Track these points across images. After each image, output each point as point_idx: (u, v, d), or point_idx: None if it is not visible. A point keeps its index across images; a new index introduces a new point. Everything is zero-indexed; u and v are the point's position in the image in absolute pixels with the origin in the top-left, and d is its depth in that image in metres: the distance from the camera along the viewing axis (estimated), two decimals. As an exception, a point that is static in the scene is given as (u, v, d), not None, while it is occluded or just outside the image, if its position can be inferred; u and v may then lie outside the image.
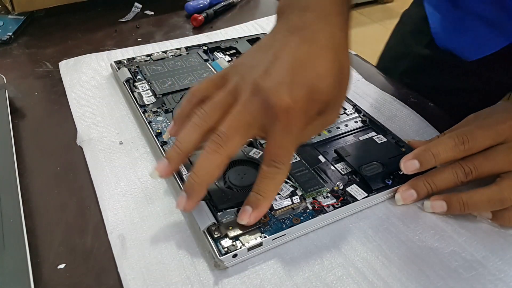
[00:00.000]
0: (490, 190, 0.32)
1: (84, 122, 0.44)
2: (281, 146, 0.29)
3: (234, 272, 0.30)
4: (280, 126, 0.28)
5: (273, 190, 0.30)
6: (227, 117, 0.29)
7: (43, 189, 0.37)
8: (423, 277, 0.29)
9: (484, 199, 0.32)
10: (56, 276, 0.30)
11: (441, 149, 0.33)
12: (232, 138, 0.28)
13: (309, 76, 0.28)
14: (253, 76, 0.29)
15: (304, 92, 0.28)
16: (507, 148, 0.33)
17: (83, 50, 0.57)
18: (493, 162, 0.33)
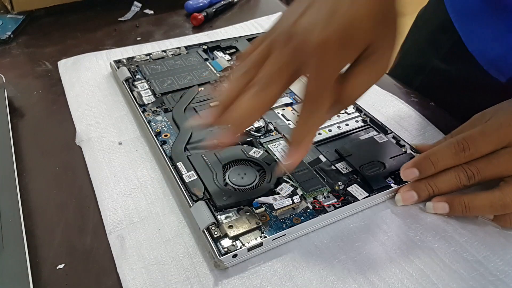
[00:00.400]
0: (493, 195, 0.32)
1: (83, 121, 0.43)
2: (317, 83, 0.28)
3: (234, 273, 0.30)
4: (315, 62, 0.27)
5: (310, 130, 0.30)
6: (263, 67, 0.29)
7: (42, 189, 0.36)
8: (424, 278, 0.29)
9: (486, 204, 0.32)
10: (55, 276, 0.30)
11: (440, 157, 0.33)
12: (270, 85, 0.28)
13: (345, 14, 0.27)
14: (286, 26, 0.28)
15: (338, 28, 0.26)
16: (511, 152, 0.32)
17: (82, 49, 0.56)
18: (496, 166, 0.32)
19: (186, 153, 0.37)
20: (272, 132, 0.41)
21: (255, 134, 0.40)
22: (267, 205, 0.33)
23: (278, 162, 0.34)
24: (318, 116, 0.29)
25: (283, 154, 0.37)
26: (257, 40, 0.31)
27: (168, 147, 0.38)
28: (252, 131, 0.40)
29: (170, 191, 0.36)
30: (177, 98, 0.45)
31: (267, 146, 0.39)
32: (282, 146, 0.39)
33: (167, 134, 0.40)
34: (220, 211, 0.32)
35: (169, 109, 0.43)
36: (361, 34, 0.27)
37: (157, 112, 0.43)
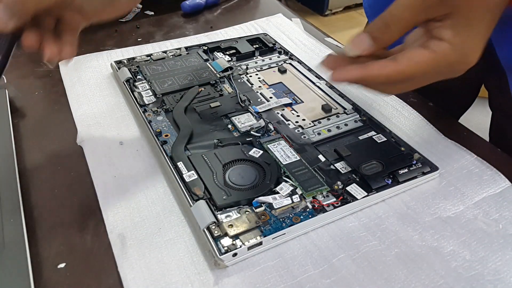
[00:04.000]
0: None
1: (84, 122, 0.44)
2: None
3: (234, 271, 0.30)
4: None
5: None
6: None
7: (43, 189, 0.37)
8: (423, 276, 0.30)
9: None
10: (56, 275, 0.30)
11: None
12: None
13: None
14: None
15: None
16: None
17: (83, 50, 0.57)
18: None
19: (187, 153, 0.38)
20: (272, 132, 0.41)
21: (255, 134, 0.40)
22: (267, 205, 0.33)
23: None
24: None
25: (282, 154, 0.38)
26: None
27: (168, 147, 0.38)
28: (252, 131, 0.41)
29: (171, 190, 0.36)
30: (177, 99, 0.45)
31: (267, 146, 0.39)
32: (282, 146, 0.39)
33: (168, 134, 0.40)
34: (220, 210, 0.32)
35: (170, 109, 0.43)
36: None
37: (158, 112, 0.43)
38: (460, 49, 0.28)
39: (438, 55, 0.28)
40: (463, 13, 0.27)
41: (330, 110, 0.44)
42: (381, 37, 0.29)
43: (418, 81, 0.30)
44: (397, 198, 0.35)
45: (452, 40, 0.28)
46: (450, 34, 0.28)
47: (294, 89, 0.47)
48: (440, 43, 0.28)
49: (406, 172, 0.36)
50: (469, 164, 0.38)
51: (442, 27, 0.28)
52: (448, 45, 0.28)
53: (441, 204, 0.35)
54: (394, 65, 0.29)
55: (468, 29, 0.28)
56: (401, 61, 0.28)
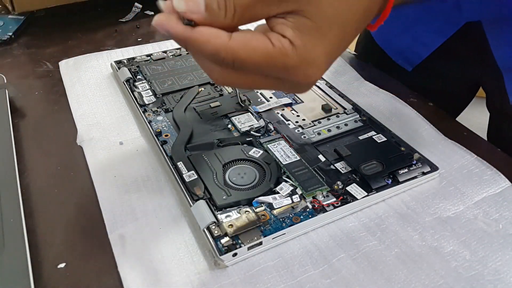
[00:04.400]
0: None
1: (84, 121, 0.44)
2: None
3: (234, 271, 0.30)
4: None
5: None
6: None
7: (43, 189, 0.37)
8: (423, 276, 0.30)
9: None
10: (56, 275, 0.30)
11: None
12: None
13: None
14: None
15: None
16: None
17: (83, 50, 0.57)
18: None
19: (187, 152, 0.38)
20: (272, 132, 0.41)
21: (255, 134, 0.40)
22: (267, 204, 0.33)
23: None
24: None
25: (282, 154, 0.38)
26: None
27: (168, 147, 0.38)
28: (252, 131, 0.41)
29: (171, 190, 0.36)
30: (177, 98, 0.45)
31: (267, 146, 0.39)
32: (282, 146, 0.39)
33: (168, 134, 0.40)
34: (220, 210, 0.32)
35: (170, 109, 0.43)
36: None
37: (158, 112, 0.43)
38: (301, 55, 0.25)
39: (276, 50, 0.24)
40: (314, 16, 0.24)
41: (330, 110, 0.44)
42: (217, 11, 0.24)
43: (251, 78, 0.26)
44: (397, 198, 0.35)
45: (294, 40, 0.24)
46: (293, 33, 0.24)
47: (294, 89, 0.47)
48: (282, 39, 0.24)
49: (406, 172, 0.36)
50: (469, 164, 0.38)
51: (285, 24, 0.24)
52: (289, 44, 0.24)
53: (441, 204, 0.35)
54: (226, 39, 0.24)
55: (316, 36, 0.25)
56: (236, 38, 0.24)
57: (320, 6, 0.24)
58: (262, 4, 0.24)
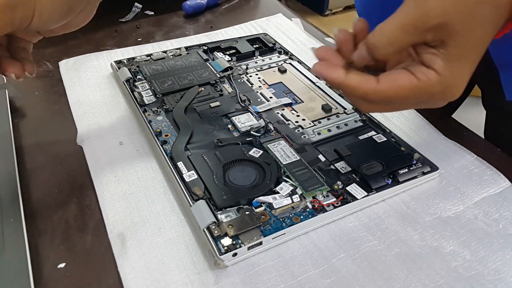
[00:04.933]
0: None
1: (84, 121, 0.44)
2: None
3: (234, 271, 0.30)
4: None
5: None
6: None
7: (43, 189, 0.37)
8: (423, 276, 0.30)
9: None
10: (56, 275, 0.30)
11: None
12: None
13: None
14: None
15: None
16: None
17: (83, 50, 0.57)
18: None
19: (187, 152, 0.38)
20: (272, 132, 0.41)
21: (255, 134, 0.40)
22: (267, 204, 0.33)
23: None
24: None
25: (282, 154, 0.38)
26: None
27: (168, 147, 0.38)
28: (252, 131, 0.41)
29: (171, 190, 0.36)
30: (177, 98, 0.45)
31: (267, 146, 0.39)
32: (282, 146, 0.39)
33: (168, 134, 0.40)
34: (220, 210, 0.32)
35: (170, 109, 0.43)
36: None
37: (158, 112, 0.43)
38: (446, 82, 0.27)
39: (422, 83, 0.27)
40: (460, 44, 0.26)
41: (330, 110, 0.44)
42: (380, 53, 0.27)
43: (396, 106, 0.30)
44: (397, 198, 0.35)
45: (441, 71, 0.27)
46: (441, 64, 0.27)
47: (294, 89, 0.47)
48: (427, 71, 0.27)
49: (406, 172, 0.36)
50: (469, 164, 0.38)
51: (434, 54, 0.27)
52: (436, 75, 0.27)
53: (441, 204, 0.35)
54: (374, 84, 0.28)
55: (460, 62, 0.27)
56: (383, 81, 0.28)
57: (467, 35, 0.26)
58: (413, 38, 0.27)
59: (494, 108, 0.52)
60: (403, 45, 0.27)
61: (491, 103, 0.52)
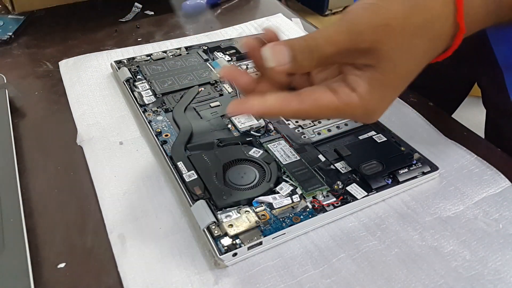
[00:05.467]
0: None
1: (84, 121, 0.44)
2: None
3: (234, 271, 0.30)
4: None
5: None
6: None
7: (43, 189, 0.37)
8: (423, 276, 0.30)
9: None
10: (56, 275, 0.30)
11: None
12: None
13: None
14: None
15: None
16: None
17: (83, 50, 0.57)
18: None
19: (187, 152, 0.38)
20: (272, 132, 0.41)
21: (255, 134, 0.40)
22: (267, 204, 0.33)
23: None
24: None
25: (282, 154, 0.38)
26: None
27: (168, 147, 0.38)
28: (252, 131, 0.41)
29: (171, 190, 0.36)
30: (177, 98, 0.45)
31: (267, 146, 0.39)
32: (282, 145, 0.39)
33: (168, 134, 0.40)
34: (220, 210, 0.32)
35: (170, 109, 0.43)
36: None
37: (158, 112, 0.43)
38: (368, 107, 0.27)
39: (344, 105, 0.27)
40: (387, 72, 0.26)
41: (330, 110, 0.44)
42: (301, 61, 0.26)
43: (323, 117, 0.29)
44: (397, 198, 0.35)
45: (364, 95, 0.26)
46: (364, 88, 0.26)
47: (294, 89, 0.47)
48: (350, 93, 0.27)
49: (406, 172, 0.36)
50: (469, 164, 0.38)
51: (359, 77, 0.26)
52: (358, 99, 0.26)
53: (441, 204, 0.35)
54: (297, 104, 0.27)
55: (384, 89, 0.27)
56: (306, 101, 0.27)
57: (396, 64, 0.26)
58: (341, 56, 0.26)
59: (496, 108, 0.52)
60: (332, 59, 0.27)
61: (493, 103, 0.52)
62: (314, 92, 0.27)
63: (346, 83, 0.27)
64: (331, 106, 0.27)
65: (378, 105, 0.28)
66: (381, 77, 0.26)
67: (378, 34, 0.25)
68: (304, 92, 0.27)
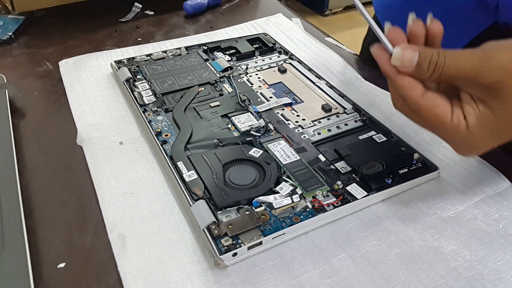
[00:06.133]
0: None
1: (84, 121, 0.44)
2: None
3: (234, 271, 0.30)
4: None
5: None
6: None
7: (43, 188, 0.37)
8: (423, 276, 0.29)
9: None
10: (56, 275, 0.30)
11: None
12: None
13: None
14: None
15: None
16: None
17: (83, 49, 0.57)
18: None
19: (187, 152, 0.38)
20: (272, 132, 0.41)
21: (255, 134, 0.40)
22: (267, 204, 0.33)
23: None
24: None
25: (282, 154, 0.38)
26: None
27: (168, 147, 0.38)
28: (252, 131, 0.41)
29: (171, 190, 0.36)
30: (177, 98, 0.45)
31: (267, 146, 0.39)
32: (282, 145, 0.39)
33: (168, 134, 0.40)
34: (220, 210, 0.32)
35: (170, 109, 0.43)
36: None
37: (158, 112, 0.43)
38: (469, 140, 0.28)
39: (451, 126, 0.28)
40: (500, 115, 0.27)
41: (330, 110, 0.44)
42: (424, 71, 0.28)
43: (423, 123, 0.30)
44: (397, 198, 0.35)
45: (471, 127, 0.28)
46: (474, 121, 0.28)
47: (294, 89, 0.47)
48: (461, 120, 0.28)
49: (406, 172, 0.36)
50: (469, 164, 0.38)
51: (472, 109, 0.28)
52: (465, 128, 0.28)
53: (441, 204, 0.35)
54: (419, 95, 0.29)
55: (491, 130, 0.28)
56: (426, 100, 0.29)
57: (509, 110, 0.27)
58: (463, 82, 0.28)
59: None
60: (455, 81, 0.28)
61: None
62: (438, 97, 0.29)
63: (462, 107, 0.28)
64: (441, 119, 0.28)
65: (480, 143, 0.29)
66: (493, 117, 0.27)
67: (506, 76, 0.26)
68: (432, 92, 0.29)
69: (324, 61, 0.54)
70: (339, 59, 0.54)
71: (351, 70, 0.52)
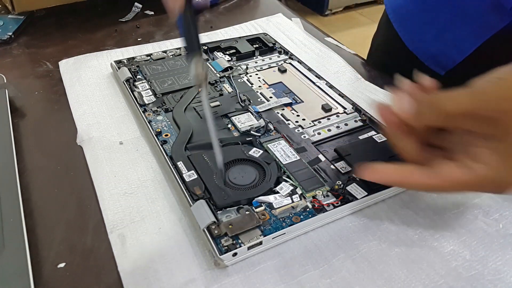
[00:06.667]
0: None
1: (84, 121, 0.44)
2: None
3: (234, 271, 0.30)
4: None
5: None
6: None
7: (43, 188, 0.37)
8: (423, 276, 0.30)
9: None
10: (56, 275, 0.30)
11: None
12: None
13: None
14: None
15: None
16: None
17: (83, 49, 0.57)
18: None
19: (187, 152, 0.38)
20: (272, 132, 0.41)
21: (255, 134, 0.40)
22: (267, 204, 0.33)
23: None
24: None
25: (282, 154, 0.38)
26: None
27: (168, 147, 0.38)
28: (252, 131, 0.41)
29: (171, 190, 0.36)
30: (177, 98, 0.45)
31: (267, 146, 0.39)
32: (282, 145, 0.39)
33: (168, 133, 0.40)
34: (220, 210, 0.32)
35: (170, 109, 0.43)
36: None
37: (158, 112, 0.43)
38: (497, 177, 0.27)
39: (472, 178, 0.27)
40: (508, 139, 0.26)
41: (330, 110, 0.44)
42: (423, 113, 0.28)
43: (454, 192, 0.31)
44: (397, 198, 0.35)
45: (493, 166, 0.27)
46: (492, 159, 0.26)
47: (294, 89, 0.47)
48: (477, 166, 0.27)
49: (406, 172, 0.36)
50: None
51: (485, 148, 0.27)
52: (486, 171, 0.27)
53: (441, 204, 0.35)
54: (430, 179, 0.28)
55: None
56: (438, 176, 0.28)
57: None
58: (464, 119, 0.27)
59: None
60: (457, 122, 0.27)
61: None
62: (443, 168, 0.28)
63: (470, 155, 0.27)
64: (461, 181, 0.27)
65: (510, 175, 0.27)
66: (509, 148, 0.26)
67: (504, 105, 0.25)
68: (436, 169, 0.28)
69: (324, 61, 0.54)
70: (339, 59, 0.54)
71: (351, 70, 0.52)
